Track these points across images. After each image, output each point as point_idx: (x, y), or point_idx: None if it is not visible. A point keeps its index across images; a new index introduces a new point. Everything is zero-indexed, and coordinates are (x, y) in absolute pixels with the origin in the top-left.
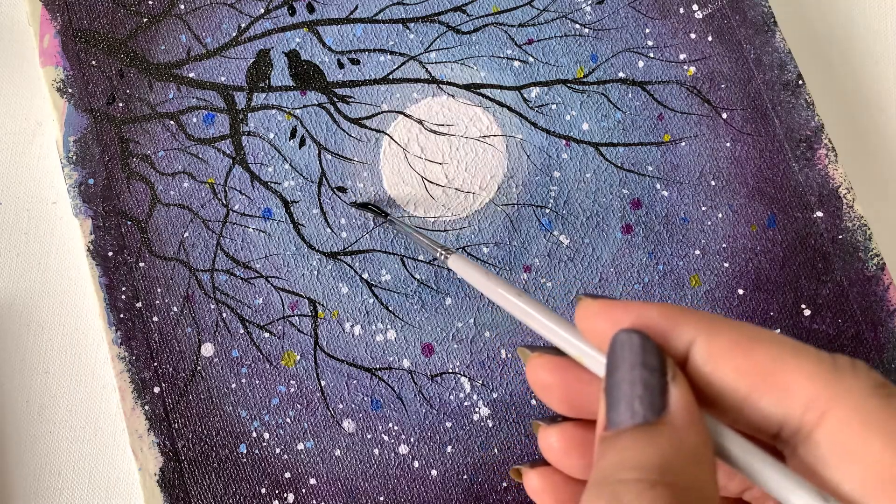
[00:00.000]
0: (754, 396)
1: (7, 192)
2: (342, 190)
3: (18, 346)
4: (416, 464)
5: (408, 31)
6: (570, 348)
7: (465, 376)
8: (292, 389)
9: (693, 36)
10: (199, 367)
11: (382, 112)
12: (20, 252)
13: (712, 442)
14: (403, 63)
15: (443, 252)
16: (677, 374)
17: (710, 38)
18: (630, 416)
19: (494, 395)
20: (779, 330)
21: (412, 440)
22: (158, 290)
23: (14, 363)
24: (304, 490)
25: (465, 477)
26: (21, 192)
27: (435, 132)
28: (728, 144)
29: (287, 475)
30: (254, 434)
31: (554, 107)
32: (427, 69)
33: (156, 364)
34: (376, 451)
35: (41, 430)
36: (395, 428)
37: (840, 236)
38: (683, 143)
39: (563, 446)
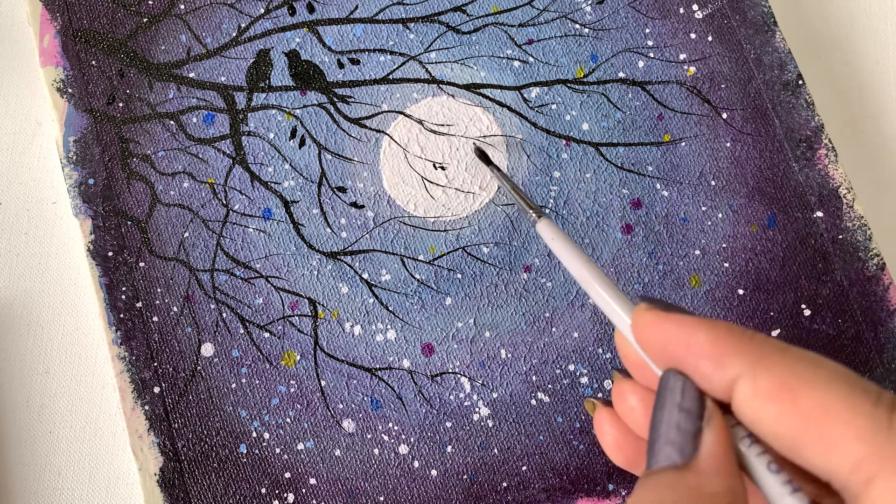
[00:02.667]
0: (799, 445)
1: (7, 192)
2: (342, 190)
3: (18, 346)
4: (416, 464)
5: (408, 31)
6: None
7: (465, 376)
8: (292, 389)
9: (693, 36)
10: (199, 367)
11: (382, 112)
12: (20, 252)
13: (743, 488)
14: (403, 63)
15: (534, 214)
16: (713, 419)
17: (710, 38)
18: (664, 457)
19: (494, 395)
20: (778, 331)
21: (412, 440)
22: (158, 290)
23: (14, 363)
24: (304, 490)
25: (465, 477)
26: (21, 192)
27: (435, 132)
28: (728, 144)
29: (287, 475)
30: (254, 434)
31: (554, 107)
32: (427, 69)
33: (156, 364)
34: (376, 451)
35: (41, 430)
36: (395, 428)
37: (840, 236)
38: (683, 143)
39: (617, 436)
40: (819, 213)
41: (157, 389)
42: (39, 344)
